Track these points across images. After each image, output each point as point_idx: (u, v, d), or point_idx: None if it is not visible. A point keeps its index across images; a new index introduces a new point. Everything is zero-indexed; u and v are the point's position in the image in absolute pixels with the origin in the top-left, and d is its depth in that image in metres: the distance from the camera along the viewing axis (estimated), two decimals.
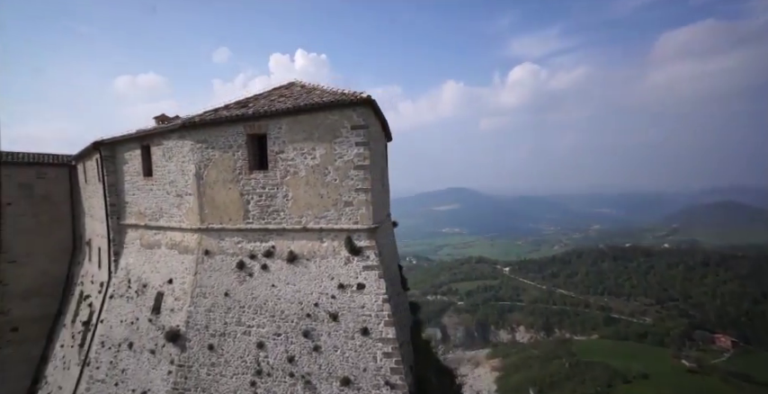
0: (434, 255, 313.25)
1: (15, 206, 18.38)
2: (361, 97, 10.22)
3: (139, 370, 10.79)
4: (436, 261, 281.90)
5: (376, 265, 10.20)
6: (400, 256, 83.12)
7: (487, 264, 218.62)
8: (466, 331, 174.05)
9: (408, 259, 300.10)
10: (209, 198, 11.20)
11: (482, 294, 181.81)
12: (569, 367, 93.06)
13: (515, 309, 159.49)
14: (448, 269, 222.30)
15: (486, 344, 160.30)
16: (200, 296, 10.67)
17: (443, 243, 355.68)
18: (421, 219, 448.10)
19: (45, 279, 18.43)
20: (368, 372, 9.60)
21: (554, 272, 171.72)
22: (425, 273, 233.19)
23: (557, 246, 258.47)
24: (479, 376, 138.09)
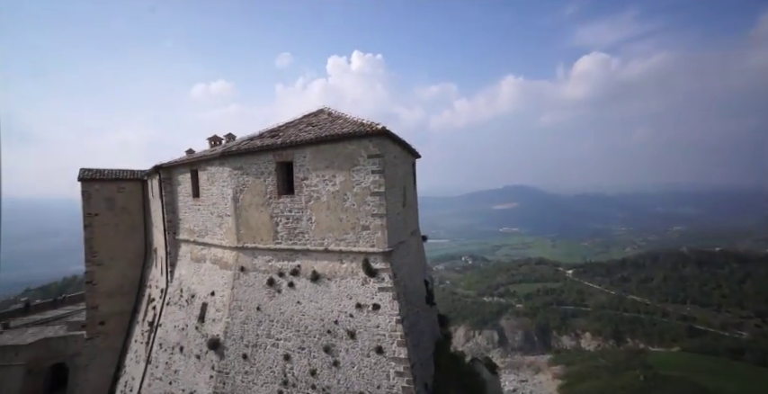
0: (491, 255, 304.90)
1: (101, 217, 21.33)
2: (376, 129, 10.83)
3: (188, 372, 12.33)
4: (493, 261, 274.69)
5: (390, 287, 10.76)
6: (454, 255, 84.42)
7: (548, 266, 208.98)
8: (525, 335, 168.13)
9: (464, 259, 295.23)
10: (245, 219, 12.43)
11: (542, 297, 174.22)
12: (644, 380, 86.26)
13: (580, 315, 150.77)
14: (505, 270, 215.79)
15: (548, 350, 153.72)
16: (236, 309, 11.94)
17: (501, 243, 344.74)
18: (477, 219, 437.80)
19: (124, 280, 21.21)
20: (381, 390, 10.21)
21: (625, 276, 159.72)
22: (482, 273, 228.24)
23: (628, 249, 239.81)
24: (540, 383, 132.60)
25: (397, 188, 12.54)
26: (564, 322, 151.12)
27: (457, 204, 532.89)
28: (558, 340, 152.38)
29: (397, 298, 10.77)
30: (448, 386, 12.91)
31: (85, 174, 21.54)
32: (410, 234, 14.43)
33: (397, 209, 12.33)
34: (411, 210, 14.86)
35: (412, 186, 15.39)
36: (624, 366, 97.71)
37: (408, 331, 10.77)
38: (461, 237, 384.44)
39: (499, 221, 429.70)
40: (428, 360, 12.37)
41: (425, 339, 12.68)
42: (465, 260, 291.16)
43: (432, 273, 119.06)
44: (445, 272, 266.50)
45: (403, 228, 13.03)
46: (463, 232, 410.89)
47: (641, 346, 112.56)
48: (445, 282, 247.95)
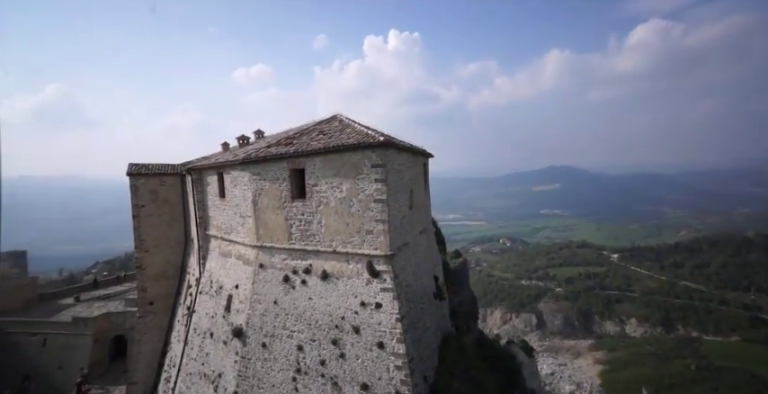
0: (531, 237, 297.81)
1: (147, 208, 23.53)
2: (378, 140, 11.45)
3: (216, 355, 13.97)
4: (532, 244, 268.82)
5: (391, 288, 11.59)
6: (492, 238, 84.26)
7: (591, 250, 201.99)
8: (565, 319, 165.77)
9: (501, 241, 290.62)
10: (263, 221, 13.59)
11: (584, 281, 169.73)
12: (696, 369, 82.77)
13: (625, 300, 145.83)
14: (545, 253, 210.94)
15: (589, 335, 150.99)
16: (257, 302, 13.27)
17: (541, 225, 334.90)
18: (516, 200, 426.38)
19: (168, 266, 23.47)
20: (382, 381, 11.22)
21: (677, 261, 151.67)
22: (520, 256, 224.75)
23: (684, 232, 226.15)
24: (580, 367, 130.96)
25: (403, 192, 13.16)
26: (607, 307, 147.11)
27: (495, 186, 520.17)
28: (601, 325, 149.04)
29: (398, 298, 11.59)
30: (452, 378, 13.75)
31: (132, 168, 23.69)
32: (419, 233, 15.08)
33: (402, 213, 12.99)
34: (421, 211, 15.44)
35: (422, 187, 15.91)
36: (674, 354, 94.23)
37: (408, 328, 11.62)
38: (499, 220, 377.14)
39: (540, 203, 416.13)
40: (431, 353, 13.22)
41: (429, 334, 13.50)
42: (502, 243, 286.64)
43: (467, 255, 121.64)
44: (481, 254, 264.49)
45: (409, 230, 13.70)
46: (501, 214, 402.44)
47: (694, 335, 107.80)
48: (481, 264, 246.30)
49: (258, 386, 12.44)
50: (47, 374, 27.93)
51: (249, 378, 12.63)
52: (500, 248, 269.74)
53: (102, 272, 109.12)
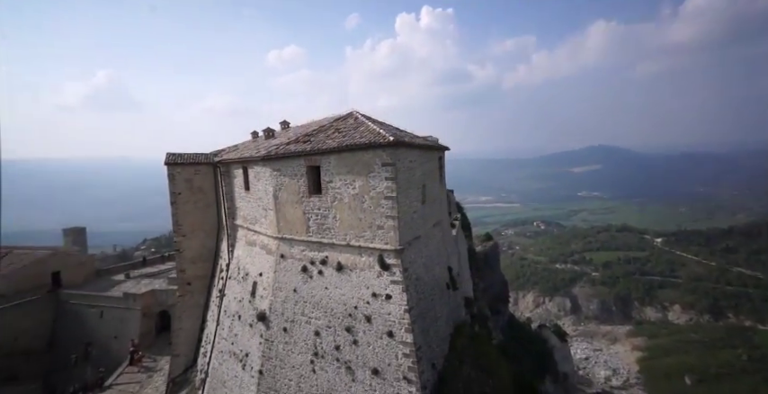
0: (567, 220, 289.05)
1: (183, 195, 25.12)
2: (388, 140, 11.86)
3: (244, 336, 15.27)
4: (568, 227, 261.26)
5: (401, 281, 12.21)
6: (525, 220, 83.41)
7: (632, 234, 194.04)
8: (601, 304, 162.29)
9: (536, 224, 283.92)
10: (283, 214, 14.45)
11: (623, 266, 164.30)
12: (748, 360, 79.23)
13: (668, 286, 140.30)
14: (581, 237, 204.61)
15: (627, 321, 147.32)
16: (278, 289, 14.31)
17: (579, 208, 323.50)
18: (553, 182, 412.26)
19: (203, 249, 25.18)
20: (391, 367, 12.02)
21: (730, 246, 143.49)
22: (555, 239, 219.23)
23: (740, 215, 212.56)
24: (617, 353, 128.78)
25: (414, 188, 13.56)
26: (648, 293, 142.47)
27: (531, 167, 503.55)
28: (641, 311, 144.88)
29: (406, 290, 12.21)
30: (462, 365, 14.40)
31: (169, 158, 25.23)
32: (432, 226, 15.50)
33: (413, 208, 13.44)
34: (435, 204, 15.79)
35: (437, 180, 16.19)
36: (722, 343, 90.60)
37: (416, 318, 12.26)
38: (534, 202, 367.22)
39: (578, 185, 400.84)
40: (441, 342, 13.86)
41: (440, 323, 14.11)
42: (536, 225, 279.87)
43: (499, 238, 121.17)
44: (514, 237, 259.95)
45: (421, 224, 14.16)
46: (536, 196, 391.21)
47: (747, 324, 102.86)
48: (514, 247, 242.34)
49: (280, 366, 13.61)
50: (105, 342, 31.14)
51: (272, 358, 13.81)
52: (534, 231, 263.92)
53: (150, 248, 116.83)
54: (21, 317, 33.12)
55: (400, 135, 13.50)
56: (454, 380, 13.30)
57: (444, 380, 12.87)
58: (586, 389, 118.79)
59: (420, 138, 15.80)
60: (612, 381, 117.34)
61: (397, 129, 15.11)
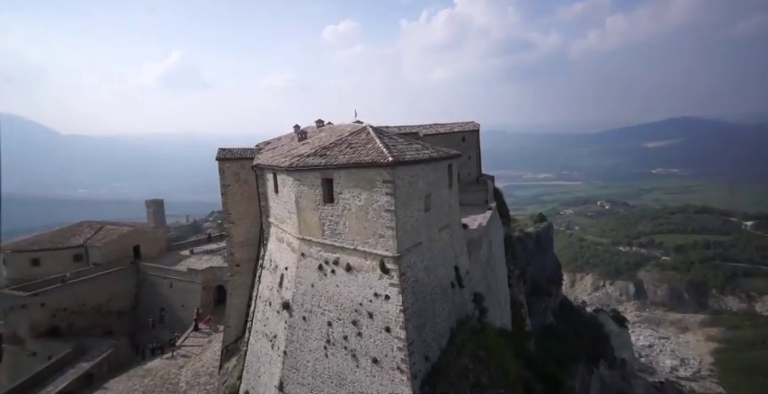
0: (636, 200, 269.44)
1: (231, 187, 28.24)
2: (388, 161, 13.27)
3: (273, 321, 17.91)
4: (637, 207, 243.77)
5: (397, 284, 13.85)
6: (588, 199, 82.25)
7: (714, 216, 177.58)
8: (671, 290, 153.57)
9: (599, 203, 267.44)
10: (303, 218, 16.47)
11: (700, 251, 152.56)
12: None
13: (756, 274, 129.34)
14: (651, 218, 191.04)
15: (702, 309, 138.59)
16: (299, 283, 16.58)
17: (651, 186, 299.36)
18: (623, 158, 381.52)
19: (248, 235, 28.36)
20: (388, 358, 13.91)
21: None
22: (620, 220, 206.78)
23: None
24: (687, 342, 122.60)
25: (416, 199, 14.89)
26: (730, 281, 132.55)
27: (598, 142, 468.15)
28: (720, 300, 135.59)
29: (402, 292, 13.84)
30: (460, 357, 15.98)
31: (219, 154, 28.33)
32: (438, 230, 16.78)
33: (414, 217, 14.82)
34: (442, 209, 16.97)
35: (445, 187, 17.27)
36: None
37: (410, 317, 13.93)
38: (600, 179, 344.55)
39: (652, 161, 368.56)
40: (438, 336, 15.46)
41: (439, 320, 15.67)
42: (600, 205, 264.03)
43: (557, 218, 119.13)
44: (574, 217, 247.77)
45: (424, 231, 15.52)
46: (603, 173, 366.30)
47: None
48: (573, 227, 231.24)
49: (300, 349, 16.06)
50: (174, 309, 36.52)
51: (294, 342, 16.29)
52: (597, 211, 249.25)
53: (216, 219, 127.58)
54: (112, 283, 39.46)
55: (402, 151, 14.72)
56: (448, 370, 14.94)
57: (438, 371, 14.57)
58: (648, 377, 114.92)
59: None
60: (680, 371, 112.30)
61: (407, 143, 16.28)
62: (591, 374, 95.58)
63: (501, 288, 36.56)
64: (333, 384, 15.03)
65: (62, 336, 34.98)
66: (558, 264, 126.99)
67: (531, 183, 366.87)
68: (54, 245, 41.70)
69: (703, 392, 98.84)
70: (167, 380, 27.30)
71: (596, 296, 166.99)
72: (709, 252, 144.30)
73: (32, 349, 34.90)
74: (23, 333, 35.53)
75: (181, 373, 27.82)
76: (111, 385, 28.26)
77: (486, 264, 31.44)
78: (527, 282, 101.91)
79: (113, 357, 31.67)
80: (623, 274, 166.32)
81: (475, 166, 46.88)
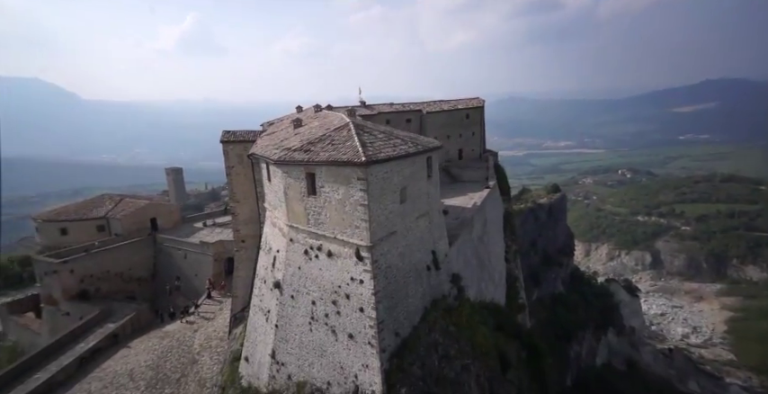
0: (661, 168, 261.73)
1: (235, 168, 29.78)
2: (361, 161, 14.44)
3: (267, 297, 19.92)
4: (661, 176, 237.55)
5: (370, 270, 15.43)
6: (609, 168, 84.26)
7: (742, 184, 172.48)
8: (689, 260, 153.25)
9: (620, 172, 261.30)
10: (291, 207, 17.95)
11: (723, 220, 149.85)
12: None
13: None
14: (674, 187, 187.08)
15: (720, 279, 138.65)
16: (288, 265, 18.35)
17: (679, 154, 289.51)
18: (649, 125, 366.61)
19: (252, 213, 30.18)
20: (362, 334, 15.76)
21: None
22: (640, 189, 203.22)
23: None
24: (701, 311, 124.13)
25: (390, 193, 16.12)
26: (753, 251, 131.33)
27: (625, 108, 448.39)
28: (740, 270, 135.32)
29: (374, 277, 15.44)
30: (431, 332, 17.79)
31: (223, 136, 29.71)
32: (416, 218, 18.07)
33: (389, 209, 16.13)
34: (420, 199, 18.15)
35: (423, 179, 18.32)
36: None
37: (381, 299, 15.60)
38: (623, 147, 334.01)
39: (682, 127, 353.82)
40: (411, 315, 17.19)
41: (411, 300, 17.34)
42: (621, 173, 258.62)
43: (575, 187, 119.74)
44: (593, 186, 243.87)
45: (399, 221, 16.85)
46: (627, 141, 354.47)
47: None
48: (591, 197, 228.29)
49: (289, 324, 18.09)
50: (189, 278, 39.55)
51: (284, 317, 18.31)
52: (617, 180, 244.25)
53: None
54: (133, 253, 42.64)
55: (378, 149, 15.77)
56: (417, 345, 16.78)
57: (407, 345, 16.42)
58: (657, 344, 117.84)
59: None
60: (691, 339, 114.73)
61: (386, 139, 17.22)
62: (598, 341, 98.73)
63: (496, 264, 38.16)
64: (316, 355, 17.13)
65: (91, 300, 38.67)
66: (570, 235, 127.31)
67: (551, 152, 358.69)
68: (79, 216, 44.86)
69: (713, 358, 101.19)
70: (183, 342, 30.45)
71: (611, 266, 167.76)
72: (732, 221, 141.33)
73: (66, 309, 38.82)
74: (57, 295, 39.36)
75: (195, 337, 30.91)
76: (134, 344, 31.72)
77: (478, 242, 32.87)
78: (538, 252, 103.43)
79: (135, 320, 35.10)
80: (640, 244, 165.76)
81: (479, 143, 47.21)
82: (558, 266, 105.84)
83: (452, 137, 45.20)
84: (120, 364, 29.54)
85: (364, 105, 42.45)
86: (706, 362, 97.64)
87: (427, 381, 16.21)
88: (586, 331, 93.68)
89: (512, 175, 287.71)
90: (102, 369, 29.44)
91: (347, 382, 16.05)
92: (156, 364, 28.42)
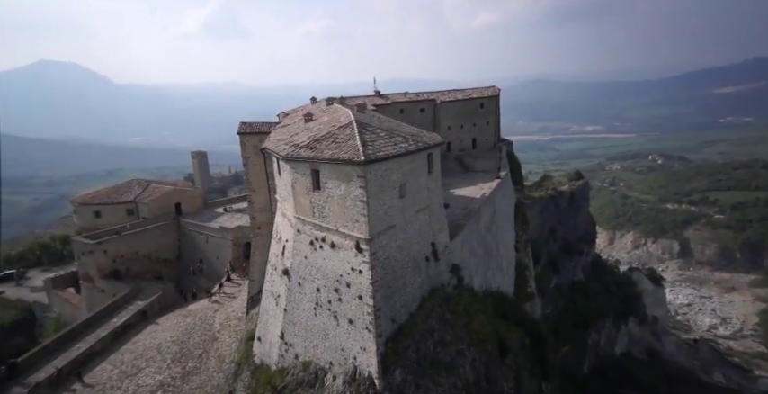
0: (696, 153, 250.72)
1: (252, 158, 31.13)
2: (360, 160, 15.32)
3: (277, 282, 21.39)
4: (696, 161, 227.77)
5: (368, 262, 16.51)
6: (639, 153, 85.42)
7: None
8: (721, 249, 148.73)
9: (651, 157, 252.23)
10: (298, 200, 19.12)
11: (761, 209, 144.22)
12: None
13: None
14: (708, 173, 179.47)
15: (755, 270, 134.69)
16: (296, 254, 19.66)
17: (717, 138, 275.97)
18: (686, 107, 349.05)
19: (267, 202, 31.52)
20: (360, 320, 17.00)
21: None
22: (672, 176, 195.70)
23: None
24: (731, 302, 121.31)
25: (389, 189, 17.02)
26: None
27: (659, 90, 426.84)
28: None
29: (372, 268, 16.52)
30: (428, 319, 18.90)
31: (240, 128, 31.05)
32: (415, 212, 18.94)
33: (388, 204, 17.07)
34: (419, 194, 18.97)
35: (423, 175, 19.08)
36: None
37: (378, 288, 16.72)
38: (655, 131, 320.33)
39: (721, 109, 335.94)
40: (408, 303, 18.30)
41: (409, 289, 18.42)
42: (652, 159, 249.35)
43: (601, 173, 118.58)
44: (620, 172, 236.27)
45: (398, 215, 17.78)
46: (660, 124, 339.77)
47: None
48: (617, 183, 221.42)
49: (296, 308, 19.54)
50: (210, 261, 41.88)
51: (292, 302, 19.76)
52: (647, 166, 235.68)
53: None
54: (159, 235, 45.29)
55: (378, 147, 16.59)
56: (413, 330, 17.95)
57: (403, 331, 17.60)
58: (682, 334, 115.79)
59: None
60: (719, 330, 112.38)
61: (387, 137, 17.97)
62: (618, 330, 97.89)
63: (504, 253, 38.71)
64: (320, 337, 18.56)
65: (122, 279, 41.69)
66: (592, 223, 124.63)
67: (578, 136, 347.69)
68: (111, 200, 47.79)
69: (742, 350, 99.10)
70: (205, 321, 32.78)
71: (636, 254, 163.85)
72: None
73: (101, 287, 42.01)
74: (93, 273, 42.56)
75: (215, 316, 33.19)
76: (161, 321, 34.34)
77: (486, 232, 33.47)
78: (557, 240, 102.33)
79: (162, 298, 37.76)
80: (668, 233, 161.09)
81: (493, 132, 47.10)
82: (578, 254, 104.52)
83: (466, 126, 45.27)
84: (148, 339, 32.18)
85: (379, 95, 42.91)
86: (734, 353, 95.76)
87: (421, 364, 17.42)
88: (606, 319, 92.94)
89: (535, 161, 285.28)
90: (132, 342, 32.18)
91: (347, 363, 17.44)
92: (181, 340, 30.83)
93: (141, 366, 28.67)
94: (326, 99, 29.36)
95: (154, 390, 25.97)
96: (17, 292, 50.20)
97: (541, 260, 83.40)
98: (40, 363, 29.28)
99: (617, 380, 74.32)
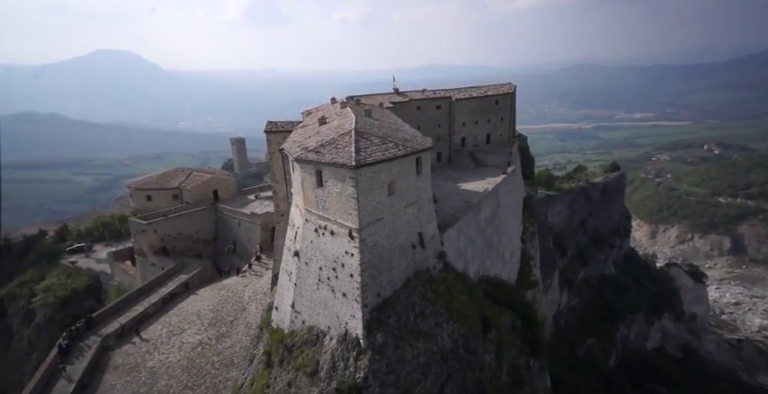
0: (761, 143, 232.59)
1: (276, 154, 35.46)
2: (351, 165, 18.86)
3: (290, 262, 25.60)
4: (759, 152, 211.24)
5: (358, 247, 20.20)
6: (693, 142, 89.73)
7: None
8: None
9: (706, 147, 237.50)
10: (306, 194, 23.03)
11: None
12: None
13: None
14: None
15: None
16: (304, 239, 23.70)
17: None
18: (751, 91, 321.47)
19: (286, 193, 36.14)
20: (351, 293, 20.85)
21: None
22: (727, 167, 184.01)
23: None
24: None
25: (378, 188, 20.50)
26: None
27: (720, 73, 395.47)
28: None
29: (361, 252, 20.20)
30: (411, 296, 22.45)
31: (267, 127, 35.37)
32: (404, 207, 22.34)
33: (376, 200, 20.58)
34: (408, 192, 22.32)
35: (412, 175, 22.38)
36: None
37: (366, 268, 20.38)
38: (713, 118, 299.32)
39: None
40: (393, 281, 21.88)
41: (395, 271, 21.98)
42: (707, 149, 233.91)
43: (646, 164, 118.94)
44: (669, 163, 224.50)
45: (386, 209, 21.27)
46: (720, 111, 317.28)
47: None
48: (664, 175, 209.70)
49: (303, 283, 23.69)
50: (243, 242, 47.25)
51: (301, 278, 23.91)
52: (700, 156, 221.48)
53: None
54: (200, 218, 51.19)
55: (370, 153, 20.03)
56: (396, 304, 21.59)
57: (387, 304, 21.29)
58: (726, 333, 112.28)
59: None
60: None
61: (380, 143, 21.34)
62: (651, 325, 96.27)
63: (507, 243, 41.37)
64: (321, 307, 22.66)
65: (169, 255, 47.98)
66: (626, 216, 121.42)
67: (624, 124, 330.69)
68: (159, 185, 54.22)
69: None
70: (236, 294, 38.04)
71: (680, 249, 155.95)
72: None
73: (152, 261, 48.57)
74: (146, 249, 49.18)
75: (245, 290, 38.38)
76: (200, 292, 40.05)
77: (486, 224, 36.33)
78: (587, 232, 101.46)
79: (201, 273, 43.56)
80: (718, 228, 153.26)
81: (507, 128, 49.01)
82: (609, 247, 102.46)
83: (480, 122, 47.44)
84: (190, 306, 37.90)
85: (398, 92, 45.88)
86: None
87: (401, 331, 21.07)
88: (637, 314, 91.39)
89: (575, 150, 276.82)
90: (178, 308, 38.03)
91: (341, 327, 21.43)
92: (216, 309, 36.25)
93: (184, 327, 34.29)
94: (345, 99, 32.78)
95: (194, 347, 31.39)
96: (86, 263, 58.44)
97: (568, 252, 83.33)
98: (108, 320, 35.70)
99: (645, 375, 73.76)
